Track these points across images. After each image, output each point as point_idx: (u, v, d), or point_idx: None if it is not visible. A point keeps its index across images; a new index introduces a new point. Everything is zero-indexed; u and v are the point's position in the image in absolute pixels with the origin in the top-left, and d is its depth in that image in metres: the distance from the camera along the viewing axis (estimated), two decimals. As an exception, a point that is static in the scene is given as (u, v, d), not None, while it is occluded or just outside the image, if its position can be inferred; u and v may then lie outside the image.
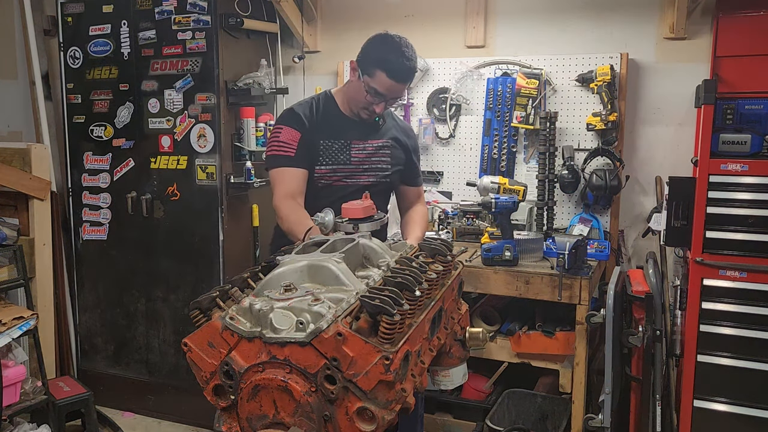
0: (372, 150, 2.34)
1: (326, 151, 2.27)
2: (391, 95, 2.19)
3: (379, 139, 2.37)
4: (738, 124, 2.55)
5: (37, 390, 2.96)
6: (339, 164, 2.28)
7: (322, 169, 2.26)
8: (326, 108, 2.32)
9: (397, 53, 2.14)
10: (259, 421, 1.26)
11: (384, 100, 2.19)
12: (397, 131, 2.44)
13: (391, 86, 2.15)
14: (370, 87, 2.17)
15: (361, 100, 2.22)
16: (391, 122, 2.45)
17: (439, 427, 2.98)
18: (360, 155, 2.31)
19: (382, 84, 2.14)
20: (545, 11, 3.22)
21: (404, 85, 2.21)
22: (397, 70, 2.13)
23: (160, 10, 3.22)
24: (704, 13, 2.93)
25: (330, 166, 2.27)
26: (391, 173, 2.39)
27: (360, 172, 2.31)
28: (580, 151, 3.08)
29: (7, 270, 2.99)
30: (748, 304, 2.47)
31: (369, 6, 3.55)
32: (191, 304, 1.42)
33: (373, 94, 2.17)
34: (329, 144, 2.27)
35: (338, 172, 2.28)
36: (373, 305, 1.22)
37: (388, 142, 2.38)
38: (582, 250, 2.64)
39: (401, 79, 2.16)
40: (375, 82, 2.15)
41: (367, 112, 2.26)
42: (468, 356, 1.79)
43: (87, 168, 3.53)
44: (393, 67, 2.12)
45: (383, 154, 2.37)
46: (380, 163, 2.36)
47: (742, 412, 2.50)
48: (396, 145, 2.40)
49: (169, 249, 3.37)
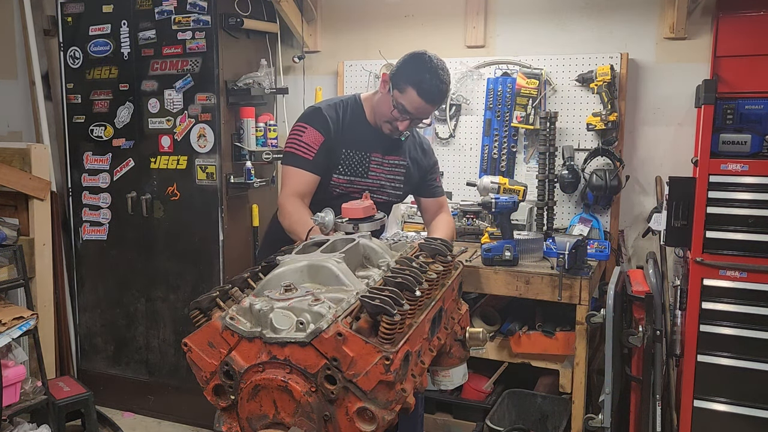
0: (389, 167, 2.33)
1: (346, 161, 2.25)
2: (418, 114, 2.17)
3: (398, 156, 2.35)
4: (738, 124, 2.55)
5: (37, 390, 2.96)
6: (357, 176, 2.28)
7: (340, 179, 2.25)
8: (354, 114, 2.28)
9: (432, 74, 2.10)
10: (259, 421, 1.26)
11: (410, 118, 2.16)
12: (415, 150, 2.42)
13: (420, 106, 2.13)
14: (398, 103, 2.14)
15: (387, 114, 2.18)
16: (412, 139, 2.42)
17: (439, 427, 2.98)
18: (377, 170, 2.31)
19: (411, 102, 2.12)
20: (545, 11, 3.22)
21: (433, 107, 2.19)
22: (429, 90, 2.10)
23: (160, 10, 3.22)
24: (704, 13, 2.93)
25: (348, 176, 2.26)
26: (402, 194, 2.41)
27: (376, 188, 2.30)
28: (580, 151, 3.08)
29: (7, 270, 2.99)
30: (748, 304, 2.47)
31: (369, 6, 3.55)
32: (191, 304, 1.42)
33: (401, 110, 2.14)
34: (350, 154, 2.25)
35: (355, 184, 2.27)
36: (373, 305, 1.22)
37: (405, 161, 2.37)
38: (582, 250, 2.64)
39: (432, 100, 2.13)
40: (404, 99, 2.12)
41: (390, 127, 2.22)
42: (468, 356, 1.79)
43: (87, 168, 3.53)
44: (425, 86, 2.09)
45: (398, 173, 2.36)
46: (394, 182, 2.36)
47: (742, 412, 2.50)
48: (412, 165, 2.39)
49: (169, 249, 3.37)
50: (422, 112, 2.16)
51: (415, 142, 2.44)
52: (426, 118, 2.26)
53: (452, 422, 2.97)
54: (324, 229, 1.88)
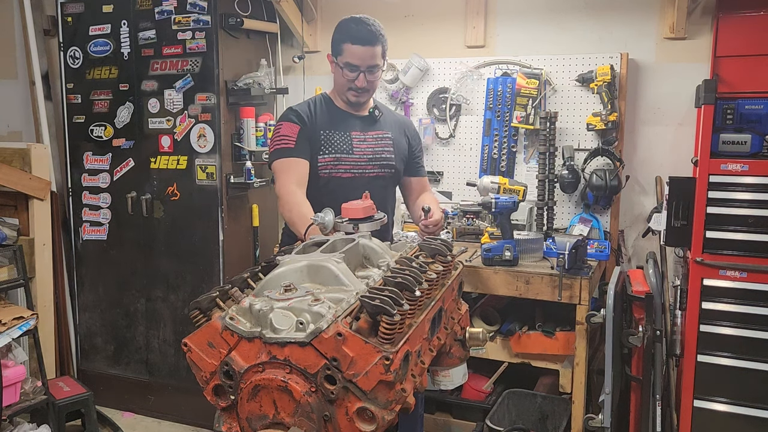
0: (373, 141, 2.41)
1: (327, 141, 2.34)
2: (363, 63, 2.27)
3: (379, 130, 2.45)
4: (738, 124, 2.55)
5: (37, 390, 2.96)
6: (342, 153, 2.34)
7: (325, 158, 2.33)
8: (324, 104, 2.42)
9: (357, 22, 2.28)
10: (259, 421, 1.26)
11: (359, 70, 2.27)
12: (395, 124, 2.52)
13: (359, 52, 2.25)
14: (344, 64, 2.28)
15: (343, 82, 2.32)
16: (390, 116, 2.54)
17: (439, 427, 2.98)
18: (361, 145, 2.38)
19: (351, 54, 2.25)
20: (545, 11, 3.21)
21: (371, 48, 2.27)
22: (359, 35, 2.25)
23: (160, 10, 3.22)
24: (704, 13, 2.93)
25: (332, 154, 2.33)
26: (396, 163, 2.45)
27: (365, 163, 2.37)
28: (580, 151, 3.08)
29: (7, 270, 2.99)
30: (748, 304, 2.47)
31: (369, 6, 3.54)
32: (191, 305, 1.42)
33: (349, 68, 2.27)
34: (330, 134, 2.35)
35: (342, 161, 2.34)
36: (373, 305, 1.22)
37: (389, 134, 2.46)
38: (582, 250, 2.64)
39: (365, 40, 2.25)
40: (345, 56, 2.27)
41: (353, 93, 2.33)
42: (468, 356, 1.79)
43: (87, 168, 3.53)
44: (354, 33, 2.25)
45: (385, 144, 2.44)
46: (384, 152, 2.42)
47: (742, 412, 2.50)
48: (397, 136, 2.48)
49: (169, 249, 3.37)
50: (365, 59, 2.26)
51: (395, 119, 2.56)
52: (374, 63, 2.30)
53: (452, 422, 2.96)
54: (324, 229, 1.88)
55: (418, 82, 3.38)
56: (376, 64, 2.31)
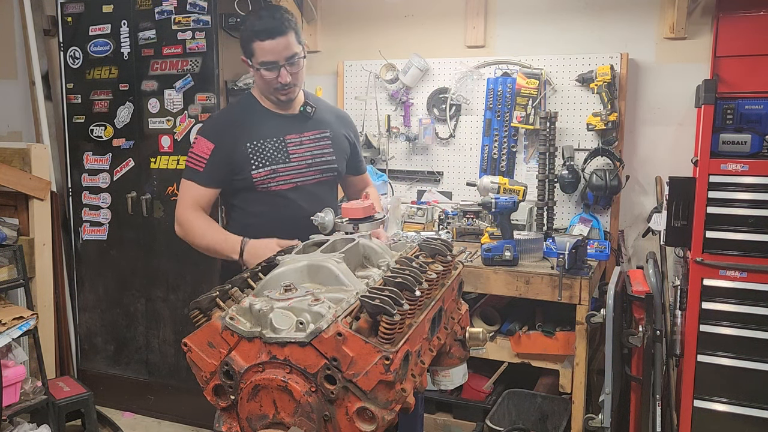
0: (310, 143, 2.22)
1: (258, 152, 2.14)
2: (280, 57, 2.07)
3: (314, 129, 2.24)
4: (738, 124, 2.55)
5: (37, 390, 2.96)
6: (277, 163, 2.15)
7: (260, 173, 2.13)
8: (249, 108, 2.22)
9: (256, 17, 2.09)
10: (259, 421, 1.26)
11: (277, 66, 2.08)
12: (333, 118, 2.33)
13: (270, 47, 2.06)
14: (260, 63, 2.09)
15: (265, 82, 2.13)
16: (326, 110, 2.34)
17: (439, 427, 2.98)
18: (298, 150, 2.19)
19: (263, 51, 2.07)
20: (545, 11, 3.22)
21: (283, 39, 2.06)
22: (264, 30, 2.05)
23: (160, 10, 3.21)
24: (704, 13, 2.93)
25: (267, 167, 2.14)
26: (338, 165, 2.27)
27: (304, 169, 2.19)
28: (580, 151, 3.08)
29: (7, 270, 2.99)
30: (748, 304, 2.47)
31: (369, 6, 3.55)
32: (191, 304, 1.42)
33: (266, 66, 2.08)
34: (259, 144, 2.15)
35: (279, 172, 2.15)
36: (373, 305, 1.22)
37: (326, 131, 2.26)
38: (582, 250, 2.64)
39: (273, 33, 2.05)
40: (258, 56, 2.09)
41: (281, 93, 2.14)
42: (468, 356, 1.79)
43: (87, 168, 3.52)
44: (259, 29, 2.06)
45: (324, 145, 2.24)
46: (323, 155, 2.24)
47: (742, 412, 2.50)
48: (337, 133, 2.29)
49: (169, 249, 3.37)
50: (279, 52, 2.06)
51: (331, 111, 2.36)
52: (291, 53, 2.09)
53: (452, 422, 2.96)
54: (323, 229, 1.88)
55: (418, 82, 3.38)
56: (294, 53, 2.09)
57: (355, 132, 2.43)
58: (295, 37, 2.09)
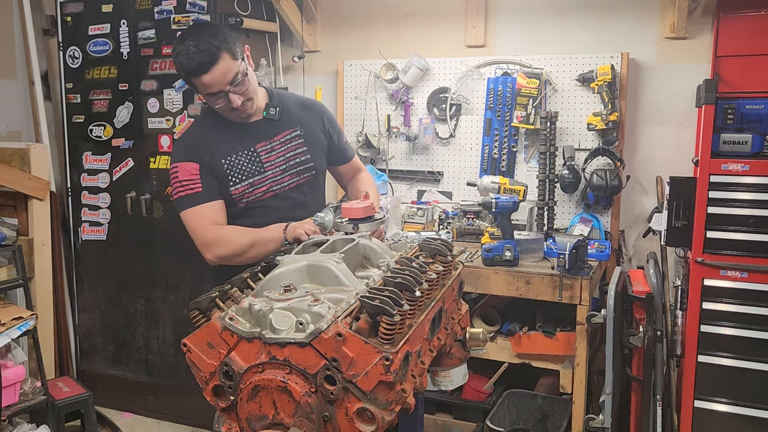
0: (281, 146, 2.12)
1: (233, 168, 2.05)
2: (222, 86, 1.93)
3: (285, 130, 2.13)
4: (739, 123, 2.55)
5: (36, 390, 2.96)
6: (253, 176, 2.07)
7: (238, 188, 2.05)
8: (214, 122, 2.09)
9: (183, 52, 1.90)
10: (258, 421, 1.25)
11: (224, 93, 1.94)
12: (300, 112, 2.19)
13: (207, 80, 1.91)
14: (205, 96, 1.99)
15: (219, 109, 2.01)
16: (292, 104, 2.20)
17: (440, 428, 2.97)
18: (272, 158, 2.10)
19: (203, 84, 1.93)
20: (546, 11, 3.21)
21: (216, 68, 1.90)
22: (194, 68, 1.90)
23: (159, 10, 3.21)
24: (705, 13, 2.93)
25: (244, 181, 2.06)
26: (315, 162, 2.17)
27: (280, 176, 2.11)
28: (580, 151, 3.08)
29: (6, 270, 2.99)
30: (749, 304, 2.46)
31: (369, 5, 3.55)
32: (191, 305, 1.41)
33: (213, 96, 1.96)
34: (233, 159, 2.05)
35: (257, 185, 2.07)
36: (373, 305, 1.21)
37: (296, 129, 2.15)
38: (582, 250, 2.64)
39: (204, 67, 1.89)
40: (201, 89, 1.96)
41: (235, 114, 2.02)
42: (468, 357, 1.79)
43: (86, 168, 3.52)
44: (188, 67, 1.91)
45: (297, 145, 2.14)
46: (297, 156, 2.14)
47: (742, 412, 2.50)
48: (308, 127, 2.18)
49: (168, 249, 3.36)
50: (219, 81, 1.91)
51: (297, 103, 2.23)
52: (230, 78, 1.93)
53: (452, 423, 2.96)
54: (323, 229, 1.87)
55: (418, 82, 3.38)
56: (235, 74, 1.93)
57: (329, 119, 2.27)
58: (229, 58, 1.92)
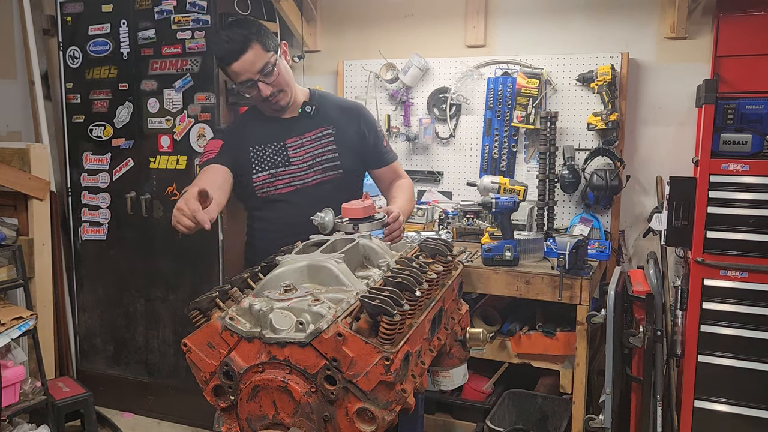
0: (311, 143, 2.19)
1: (258, 157, 2.17)
2: (251, 74, 2.05)
3: (316, 129, 2.20)
4: (739, 123, 2.55)
5: (36, 390, 2.96)
6: (277, 167, 2.16)
7: (260, 177, 2.16)
8: (252, 117, 2.27)
9: (218, 41, 2.07)
10: (258, 421, 1.25)
11: (253, 82, 2.07)
12: (337, 113, 2.25)
13: (237, 68, 2.04)
14: (237, 84, 2.11)
15: (252, 98, 2.14)
16: (331, 105, 2.27)
17: (440, 428, 2.97)
18: (299, 153, 2.17)
19: (234, 74, 2.07)
20: (546, 11, 3.21)
21: (246, 57, 2.02)
22: (225, 55, 2.05)
23: (159, 10, 3.21)
24: (705, 13, 2.93)
25: (267, 171, 2.16)
26: (342, 162, 2.20)
27: (305, 171, 2.17)
28: (580, 151, 3.08)
29: (6, 270, 2.99)
30: (749, 304, 2.46)
31: (369, 5, 3.55)
32: (191, 305, 1.41)
33: (244, 84, 2.08)
34: (260, 149, 2.17)
35: (279, 176, 2.16)
36: (373, 305, 1.21)
37: (329, 128, 2.20)
38: (582, 250, 2.63)
39: (234, 55, 2.02)
40: (233, 78, 2.09)
41: (267, 105, 2.15)
42: (468, 357, 1.79)
43: (86, 168, 3.52)
44: (221, 54, 2.06)
45: (327, 143, 2.19)
46: (325, 154, 2.19)
47: (742, 412, 2.50)
48: (342, 128, 2.22)
49: (168, 249, 3.36)
50: (247, 69, 2.04)
51: (336, 106, 2.29)
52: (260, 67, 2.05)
53: (452, 423, 2.96)
54: (323, 229, 1.87)
55: (418, 82, 3.37)
56: (263, 65, 2.05)
57: (367, 121, 2.29)
58: (260, 48, 2.03)
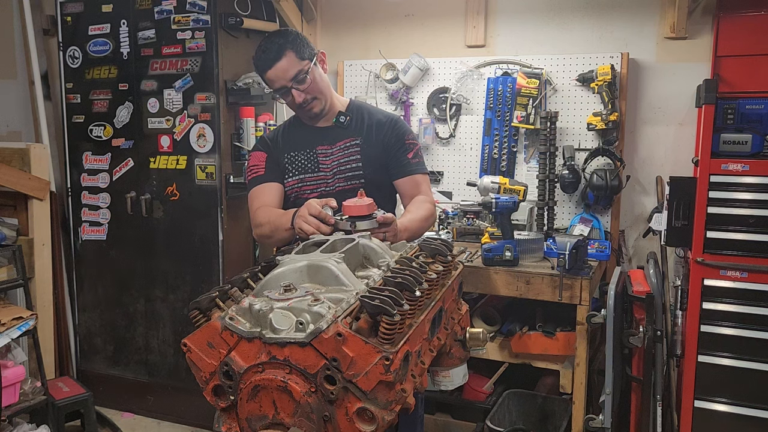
0: (339, 152, 2.28)
1: (292, 163, 2.29)
2: (285, 82, 2.18)
3: (347, 138, 2.29)
4: (739, 123, 2.55)
5: (36, 390, 2.96)
6: (306, 173, 2.28)
7: (290, 181, 2.29)
8: (292, 125, 2.38)
9: (256, 52, 2.22)
10: (258, 421, 1.25)
11: (287, 89, 2.19)
12: (368, 125, 2.31)
13: (272, 76, 2.18)
14: (274, 92, 2.26)
15: (288, 104, 2.28)
16: (365, 117, 2.33)
17: (440, 428, 2.97)
18: (327, 161, 2.27)
19: (270, 81, 2.21)
20: (546, 11, 3.21)
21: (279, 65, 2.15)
22: (261, 64, 2.19)
23: (159, 10, 3.21)
24: (705, 13, 2.93)
25: (297, 176, 2.28)
26: (365, 171, 2.26)
27: (330, 179, 2.26)
28: (580, 151, 3.08)
29: (6, 270, 2.99)
30: (749, 304, 2.46)
31: (369, 6, 3.55)
32: (191, 305, 1.41)
33: (280, 94, 2.23)
34: (294, 155, 2.29)
35: (306, 181, 2.27)
36: (373, 305, 1.21)
37: (357, 139, 2.28)
38: (582, 250, 2.63)
39: (269, 62, 2.17)
40: (269, 85, 2.24)
41: (303, 112, 2.26)
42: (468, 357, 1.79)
43: (86, 168, 3.52)
44: (258, 63, 2.21)
45: (353, 152, 2.27)
46: (349, 163, 2.27)
47: (742, 412, 2.50)
48: (369, 140, 2.28)
49: (168, 249, 3.36)
50: (281, 76, 2.17)
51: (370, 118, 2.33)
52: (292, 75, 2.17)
53: (452, 423, 2.96)
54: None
55: (418, 82, 3.38)
56: (297, 72, 2.16)
57: (397, 132, 2.31)
58: (293, 56, 2.16)
